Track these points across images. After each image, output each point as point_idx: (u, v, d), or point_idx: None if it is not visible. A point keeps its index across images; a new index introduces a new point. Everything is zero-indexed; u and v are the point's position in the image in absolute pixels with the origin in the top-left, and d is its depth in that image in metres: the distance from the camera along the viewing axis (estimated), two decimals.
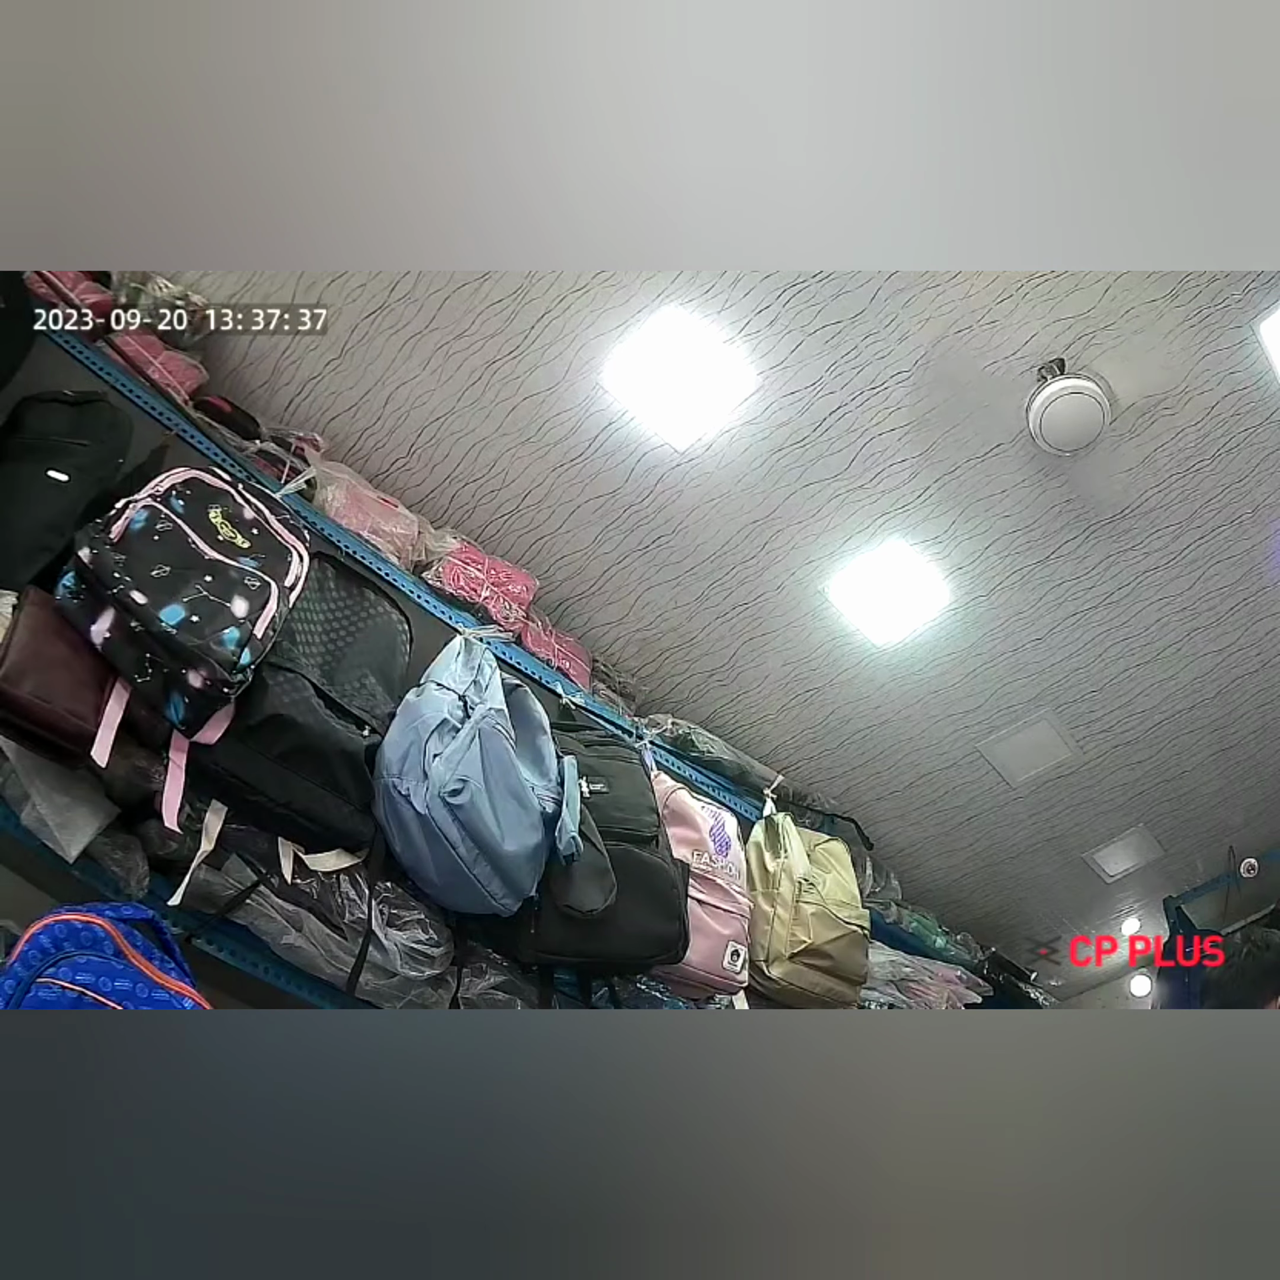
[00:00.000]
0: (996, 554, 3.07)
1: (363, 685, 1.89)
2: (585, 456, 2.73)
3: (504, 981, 1.96)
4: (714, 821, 2.49)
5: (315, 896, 1.71)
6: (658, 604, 3.06)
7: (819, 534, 2.95)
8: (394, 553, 2.40)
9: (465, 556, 2.58)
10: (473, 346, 2.51)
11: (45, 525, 1.62)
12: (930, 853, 3.91)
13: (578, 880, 1.93)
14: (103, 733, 1.45)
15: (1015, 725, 3.54)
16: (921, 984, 3.19)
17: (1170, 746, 3.70)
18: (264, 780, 1.62)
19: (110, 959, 1.18)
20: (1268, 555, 3.10)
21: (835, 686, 3.34)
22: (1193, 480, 2.91)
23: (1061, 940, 4.47)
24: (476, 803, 1.77)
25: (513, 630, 2.59)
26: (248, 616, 1.60)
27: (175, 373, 2.15)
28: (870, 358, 2.61)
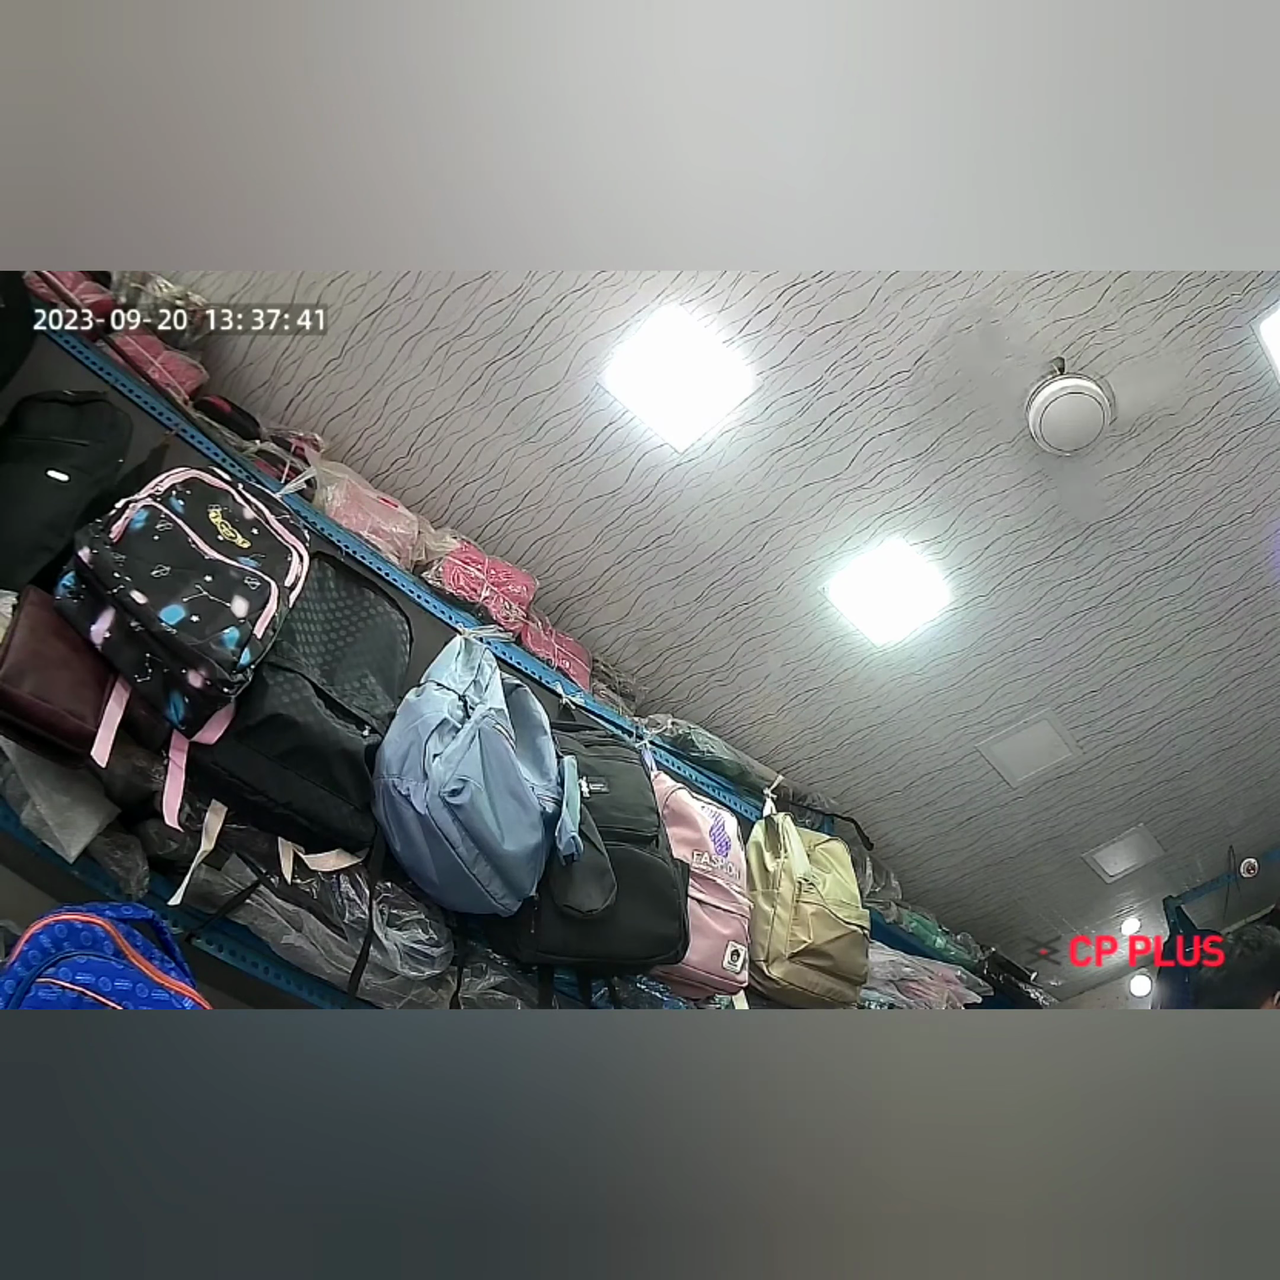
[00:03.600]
0: (996, 554, 3.07)
1: (363, 685, 1.89)
2: (585, 456, 2.73)
3: (504, 981, 1.96)
4: (714, 821, 2.49)
5: (315, 896, 1.71)
6: (658, 604, 3.06)
7: (819, 534, 2.95)
8: (394, 553, 2.40)
9: (465, 556, 2.58)
10: (473, 346, 2.51)
11: (45, 525, 1.62)
12: (930, 853, 3.91)
13: (578, 880, 1.93)
14: (103, 733, 1.45)
15: (1015, 725, 3.54)
16: (921, 984, 3.19)
17: (1170, 746, 3.70)
18: (264, 780, 1.62)
19: (110, 959, 1.18)
20: (1268, 555, 3.10)
21: (835, 686, 3.34)
22: (1193, 480, 2.91)
23: (1061, 940, 4.48)
24: (476, 803, 1.77)
25: (513, 630, 2.59)
26: (248, 616, 1.60)
27: (175, 373, 2.15)
28: (870, 358, 2.61)
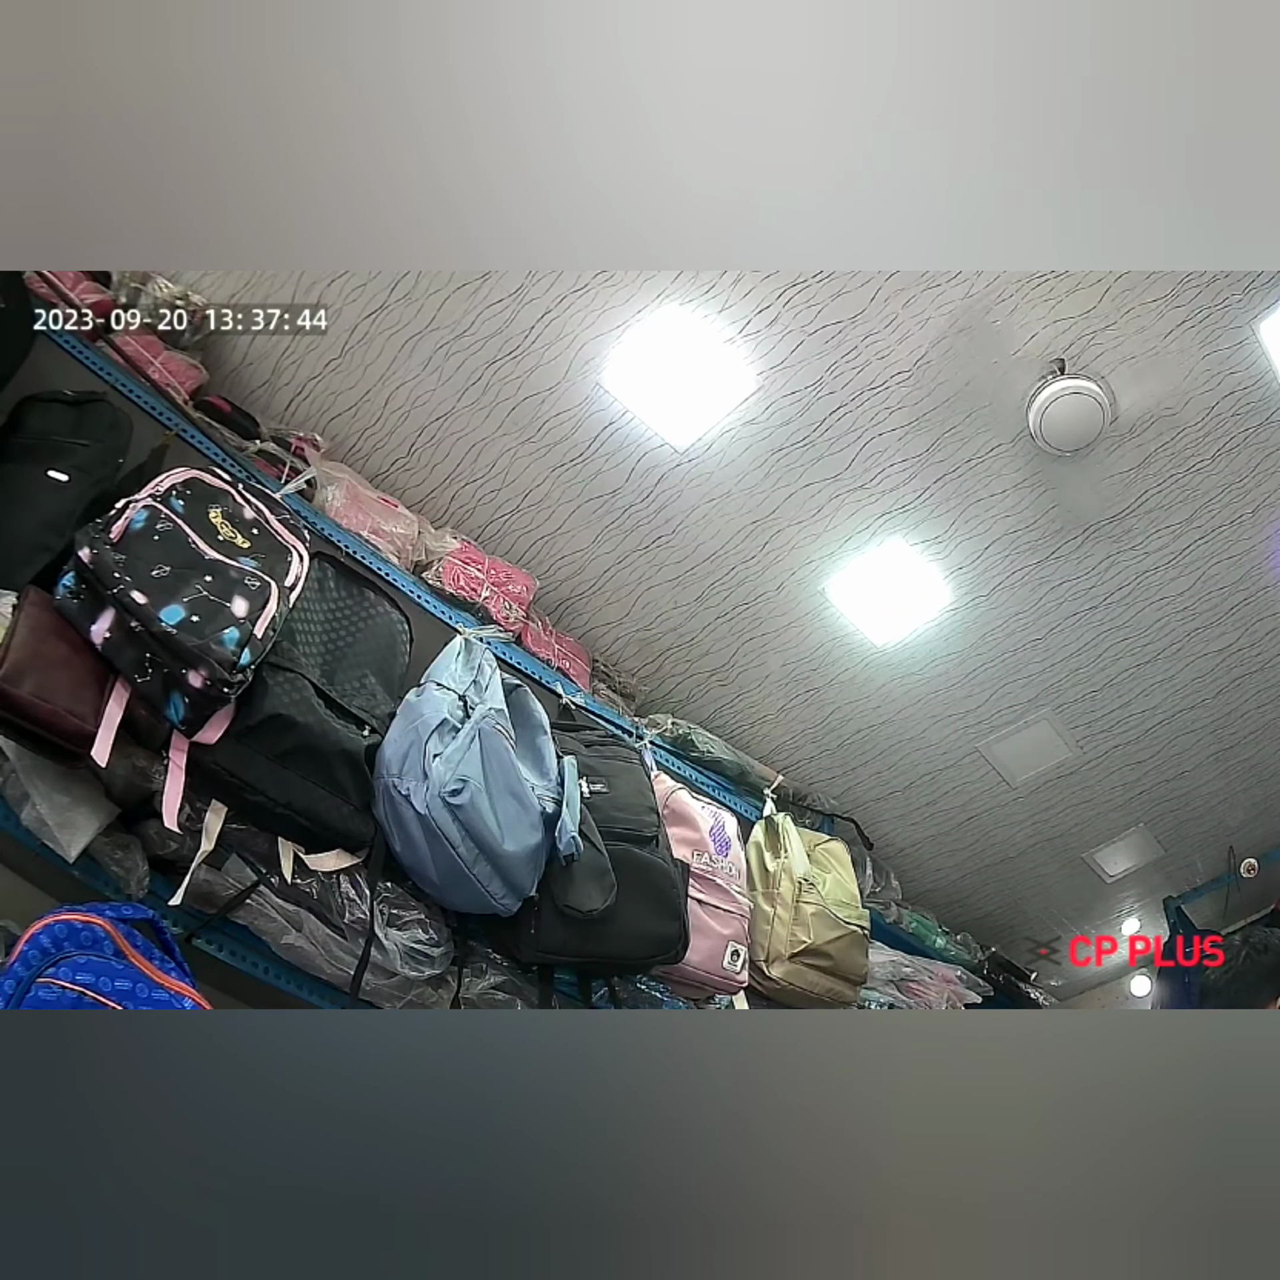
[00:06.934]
0: (996, 554, 3.07)
1: (363, 685, 1.89)
2: (585, 456, 2.73)
3: (504, 981, 1.96)
4: (714, 821, 2.49)
5: (315, 896, 1.71)
6: (658, 604, 3.06)
7: (819, 534, 2.95)
8: (394, 553, 2.41)
9: (465, 556, 2.58)
10: (473, 346, 2.51)
11: (45, 525, 1.62)
12: (930, 853, 3.91)
13: (578, 880, 1.93)
14: (103, 733, 1.45)
15: (1015, 725, 3.54)
16: (921, 984, 3.19)
17: (1170, 746, 3.70)
18: (264, 780, 1.62)
19: (110, 959, 1.18)
20: (1268, 555, 3.10)
21: (835, 686, 3.34)
22: (1193, 480, 2.91)
23: (1061, 940, 4.47)
24: (476, 803, 1.77)
25: (513, 630, 2.59)
26: (248, 616, 1.60)
27: (175, 373, 2.15)
28: (870, 358, 2.61)
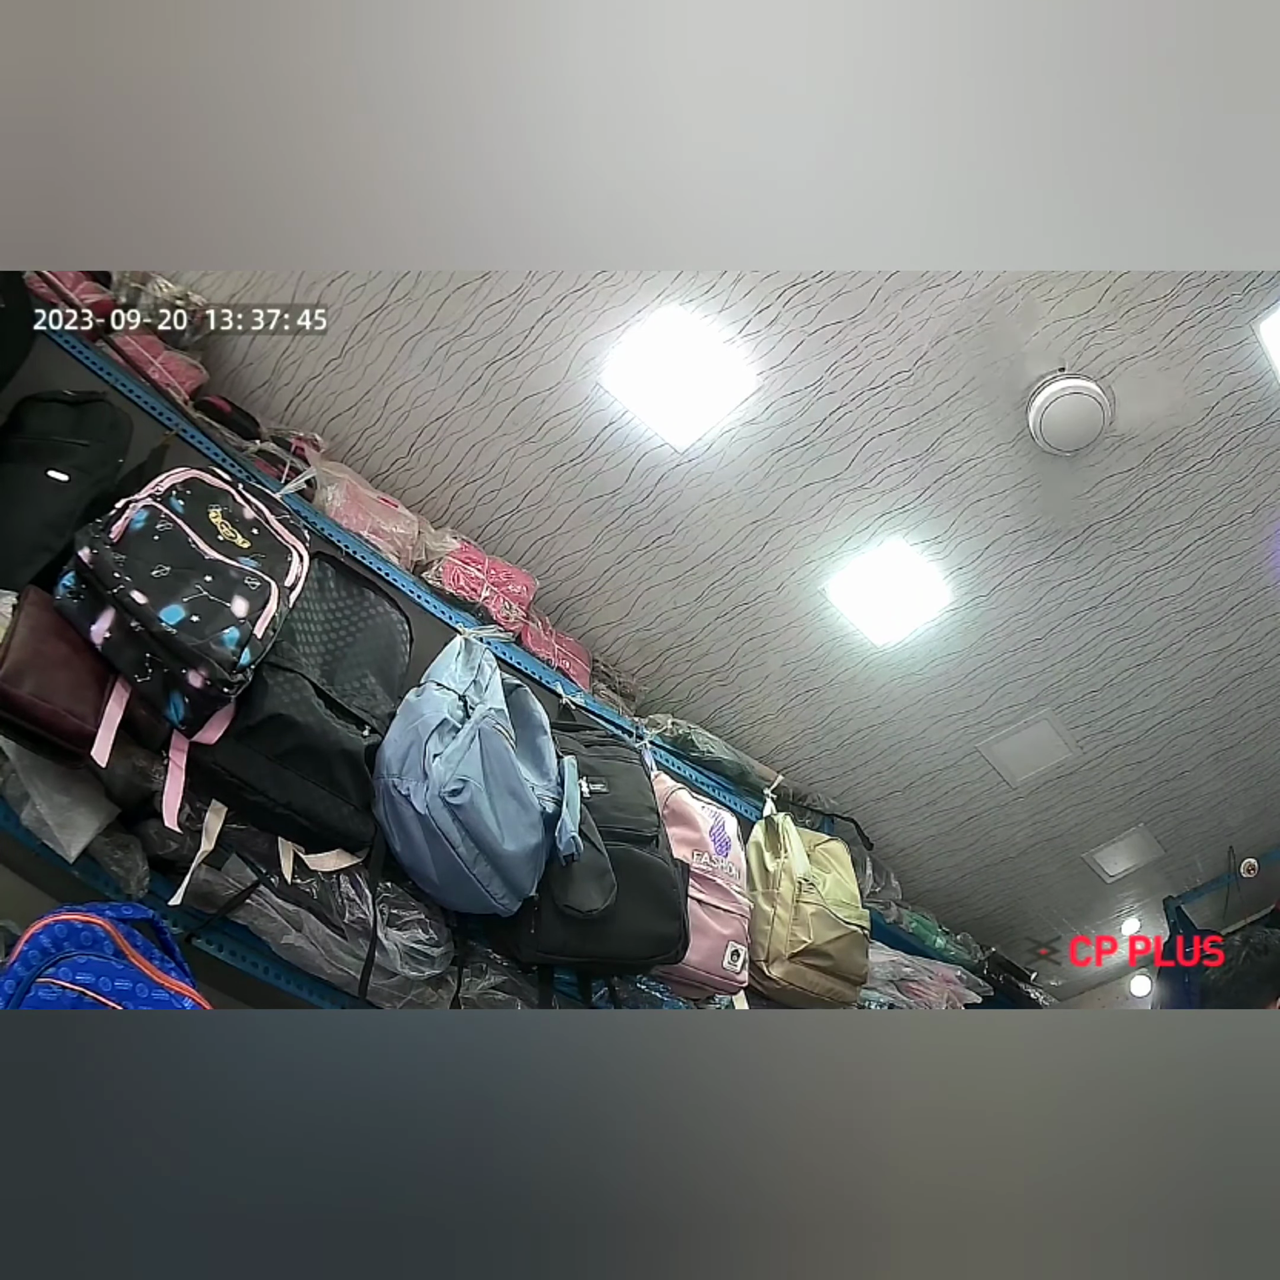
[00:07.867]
0: (996, 554, 3.07)
1: (363, 685, 1.89)
2: (585, 456, 2.73)
3: (504, 981, 1.96)
4: (714, 821, 2.49)
5: (315, 896, 1.71)
6: (658, 604, 3.06)
7: (819, 534, 2.95)
8: (394, 553, 2.40)
9: (465, 556, 2.58)
10: (473, 346, 2.51)
11: (45, 525, 1.62)
12: (930, 853, 3.91)
13: (578, 880, 1.93)
14: (103, 733, 1.45)
15: (1015, 725, 3.54)
16: (921, 984, 3.19)
17: (1170, 746, 3.70)
18: (264, 780, 1.62)
19: (110, 959, 1.18)
20: (1268, 555, 3.10)
21: (835, 686, 3.34)
22: (1193, 480, 2.91)
23: (1061, 940, 4.47)
24: (476, 802, 1.77)
25: (513, 630, 2.59)
26: (248, 616, 1.60)
27: (175, 373, 2.15)
28: (870, 358, 2.61)
